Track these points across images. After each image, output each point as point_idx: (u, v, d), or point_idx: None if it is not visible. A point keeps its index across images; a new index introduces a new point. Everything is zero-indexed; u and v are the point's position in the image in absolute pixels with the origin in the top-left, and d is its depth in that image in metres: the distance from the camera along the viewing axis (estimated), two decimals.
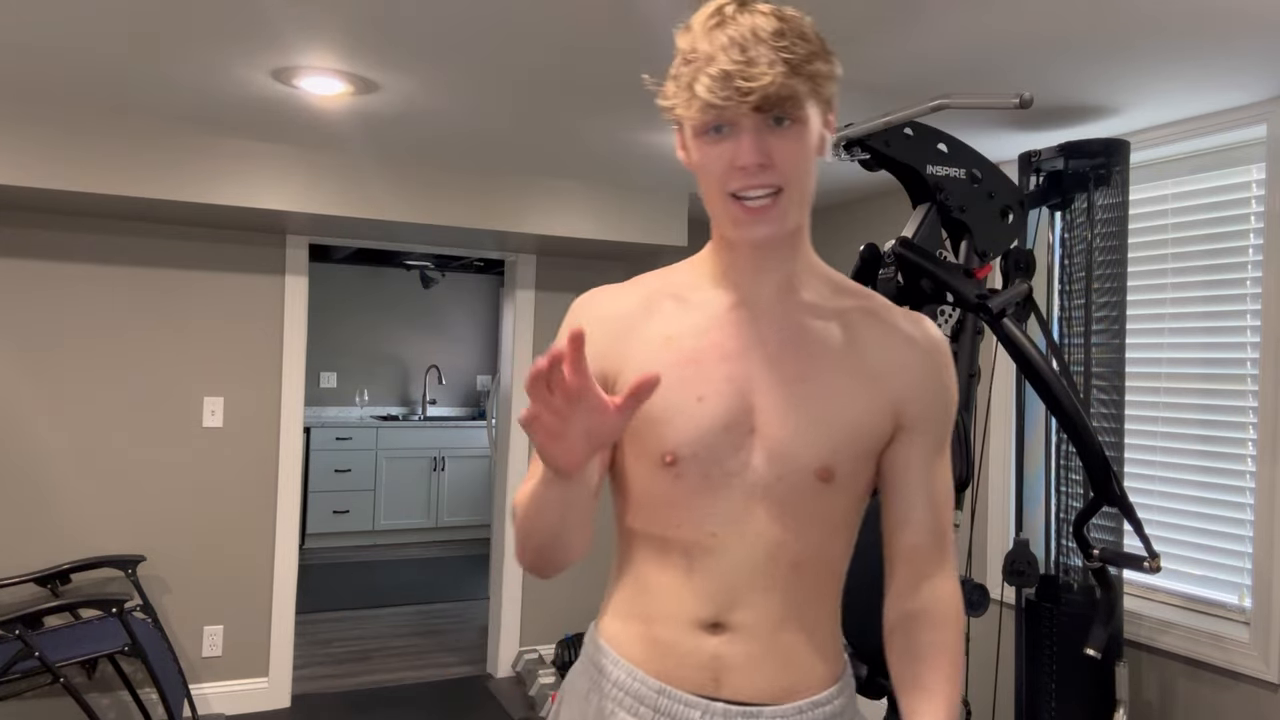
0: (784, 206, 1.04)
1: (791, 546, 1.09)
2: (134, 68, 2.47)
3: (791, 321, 1.11)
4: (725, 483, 1.08)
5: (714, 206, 1.07)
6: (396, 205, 3.49)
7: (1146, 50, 2.11)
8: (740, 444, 1.08)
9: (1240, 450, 2.58)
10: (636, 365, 1.11)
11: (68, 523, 3.52)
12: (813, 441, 1.08)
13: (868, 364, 1.11)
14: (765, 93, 0.98)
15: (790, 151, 1.02)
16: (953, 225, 2.30)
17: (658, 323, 1.13)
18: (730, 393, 1.09)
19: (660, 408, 1.08)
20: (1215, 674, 2.54)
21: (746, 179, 1.02)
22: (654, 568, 1.13)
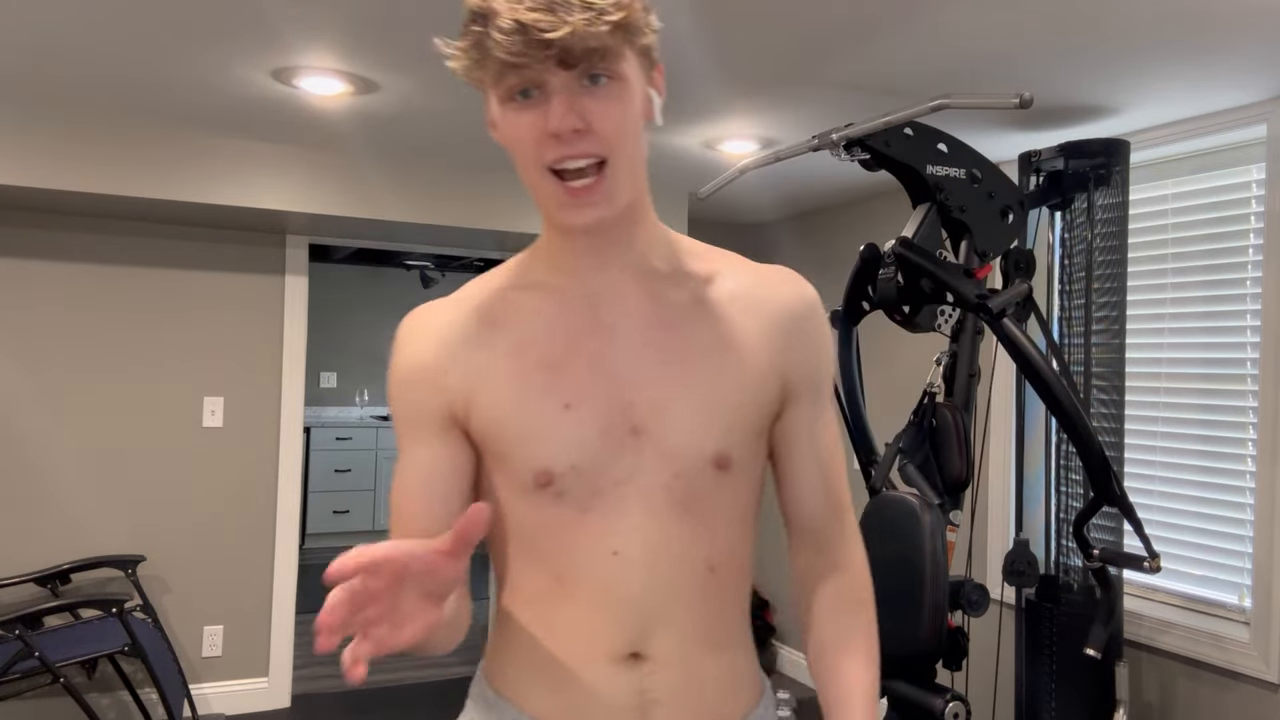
0: (611, 181, 0.90)
1: (703, 549, 0.98)
2: (134, 68, 2.47)
3: (652, 303, 0.99)
4: (616, 493, 0.96)
5: (534, 187, 0.92)
6: (396, 205, 3.49)
7: (1146, 50, 2.11)
8: (623, 447, 0.96)
9: (1240, 450, 2.58)
10: (487, 387, 0.97)
11: (68, 523, 3.52)
12: (703, 428, 0.97)
13: (743, 333, 1.00)
14: (568, 44, 0.84)
15: (610, 113, 0.89)
16: (953, 225, 2.30)
17: (502, 332, 0.99)
18: (601, 393, 0.96)
19: (523, 424, 0.96)
20: (1215, 674, 2.54)
21: (562, 148, 0.88)
22: (550, 603, 0.98)
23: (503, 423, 0.96)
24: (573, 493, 0.95)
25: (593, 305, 0.99)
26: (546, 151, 0.89)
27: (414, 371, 1.00)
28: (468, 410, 0.98)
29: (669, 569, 0.97)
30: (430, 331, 1.01)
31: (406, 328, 1.03)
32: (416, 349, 1.01)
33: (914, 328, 2.32)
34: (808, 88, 2.46)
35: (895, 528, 2.24)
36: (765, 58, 2.24)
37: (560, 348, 0.97)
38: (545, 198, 0.92)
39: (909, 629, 2.16)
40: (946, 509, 2.36)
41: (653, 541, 0.96)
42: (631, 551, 0.96)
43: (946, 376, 2.47)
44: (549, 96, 0.88)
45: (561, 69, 0.86)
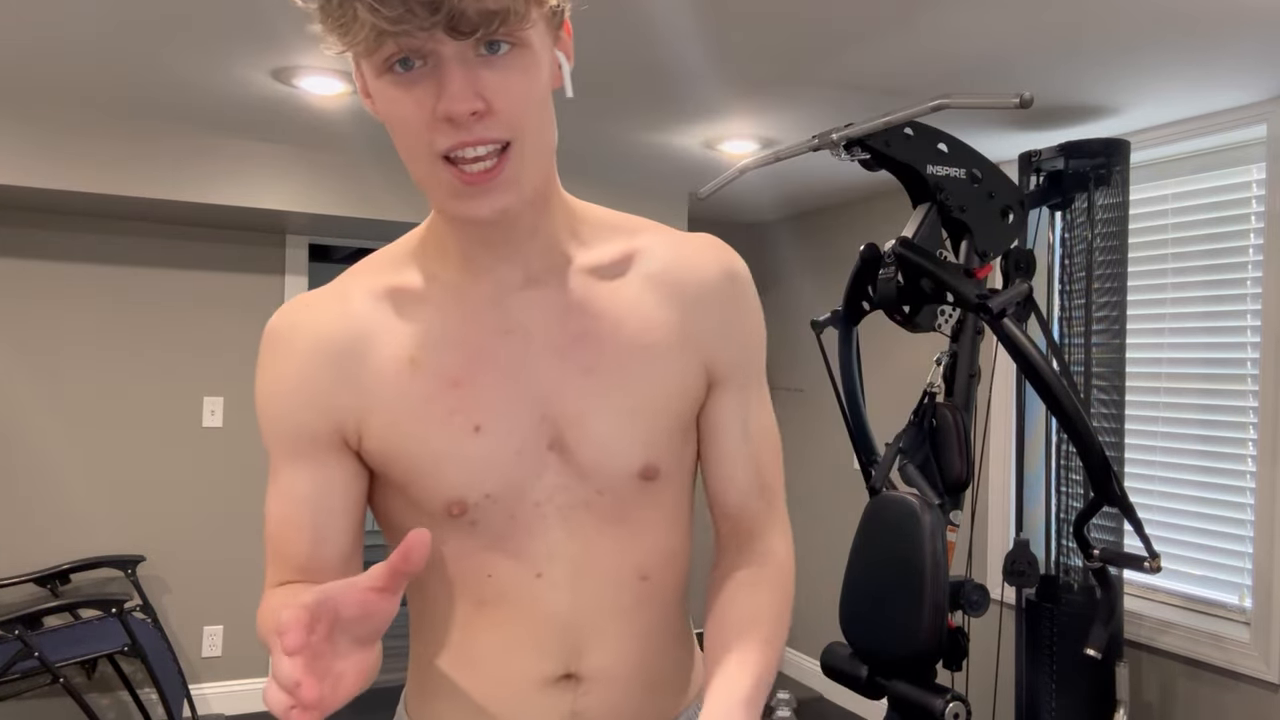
0: (516, 166, 0.76)
1: (633, 558, 0.90)
2: (134, 68, 2.47)
3: (565, 298, 0.87)
4: (536, 514, 0.86)
5: (420, 173, 0.77)
6: (396, 205, 3.49)
7: (1146, 50, 2.11)
8: (541, 466, 0.86)
9: (1240, 450, 2.58)
10: (383, 406, 0.84)
11: (68, 523, 3.52)
12: (627, 440, 0.87)
13: (664, 322, 0.89)
14: (460, 6, 0.68)
15: (514, 88, 0.74)
16: (953, 225, 2.30)
17: (393, 340, 0.85)
18: (513, 410, 0.85)
19: (429, 451, 0.84)
20: (1215, 674, 2.54)
21: (458, 134, 0.73)
22: (473, 629, 0.89)
23: (404, 450, 0.84)
24: (488, 520, 0.86)
25: (498, 305, 0.86)
26: (439, 138, 0.74)
27: (293, 388, 0.85)
28: (360, 432, 0.85)
29: (597, 585, 0.89)
30: (310, 337, 0.85)
31: (279, 332, 0.87)
32: (294, 360, 0.85)
33: (914, 328, 2.32)
34: (808, 88, 2.46)
35: (895, 528, 2.24)
36: (765, 58, 2.24)
37: (464, 358, 0.84)
38: (436, 187, 0.77)
39: (909, 629, 2.16)
40: (946, 509, 2.36)
41: (577, 559, 0.88)
42: (555, 573, 0.87)
43: (946, 376, 2.47)
44: (439, 68, 0.72)
45: (452, 37, 0.70)
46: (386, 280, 0.88)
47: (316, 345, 0.85)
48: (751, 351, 0.96)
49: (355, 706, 3.25)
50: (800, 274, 4.33)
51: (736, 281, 0.93)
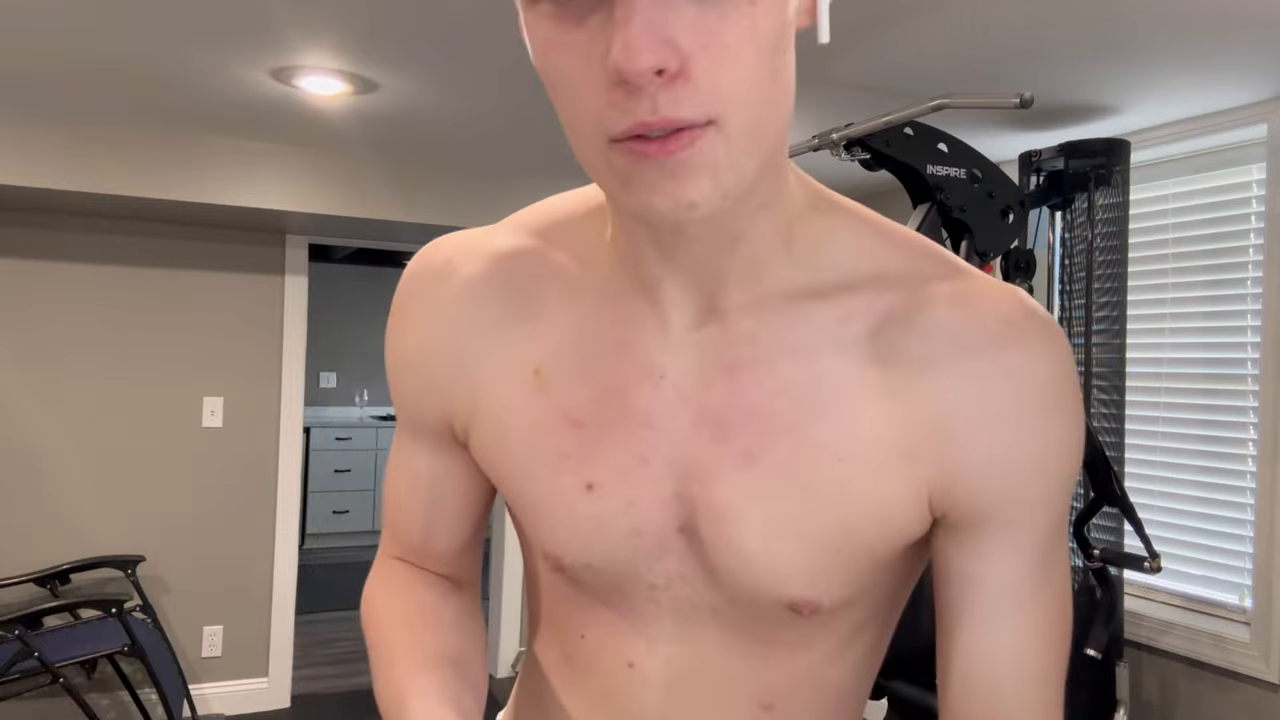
0: (717, 151, 0.51)
1: (756, 682, 0.68)
2: (134, 68, 2.47)
3: (748, 350, 0.62)
4: (650, 596, 0.67)
5: (585, 156, 0.54)
6: (396, 205, 3.49)
7: (1146, 50, 2.11)
8: (664, 550, 0.65)
9: (1241, 450, 2.57)
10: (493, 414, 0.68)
11: (67, 523, 3.52)
12: (783, 563, 0.62)
13: (891, 414, 0.60)
14: None
15: (728, 34, 0.49)
16: (953, 225, 2.30)
17: (525, 331, 0.67)
18: (641, 479, 0.64)
19: (530, 492, 0.67)
20: (1216, 674, 2.54)
21: (638, 108, 0.48)
22: (560, 683, 0.73)
23: (505, 474, 0.68)
24: (590, 584, 0.68)
25: (658, 336, 0.63)
26: (611, 115, 0.49)
27: (412, 360, 0.71)
28: (467, 430, 0.70)
29: (700, 700, 0.69)
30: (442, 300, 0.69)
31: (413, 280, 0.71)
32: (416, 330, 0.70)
33: None
34: (808, 88, 2.46)
35: None
36: None
37: (596, 392, 0.64)
38: (604, 171, 0.53)
39: (909, 628, 2.16)
40: None
41: (683, 664, 0.68)
42: (651, 668, 0.68)
43: None
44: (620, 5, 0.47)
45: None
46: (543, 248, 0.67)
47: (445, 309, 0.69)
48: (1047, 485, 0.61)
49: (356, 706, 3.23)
50: None
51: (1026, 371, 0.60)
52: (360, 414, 7.36)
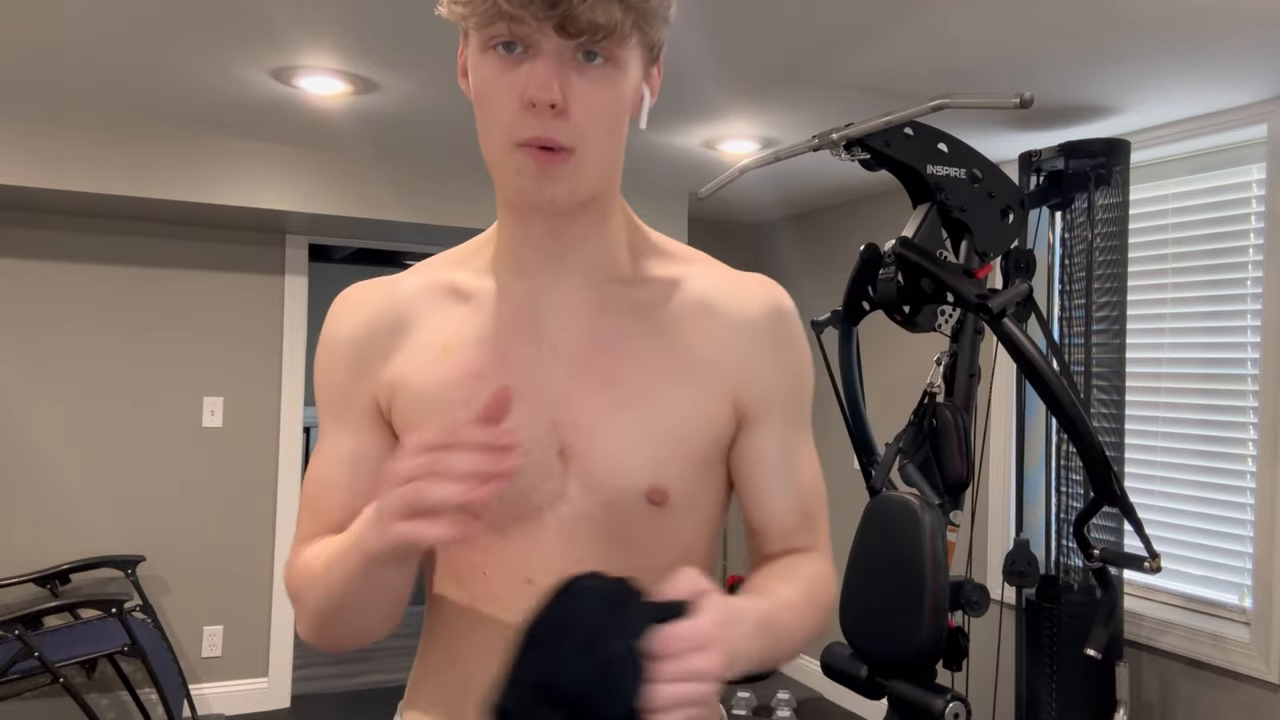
0: (576, 167, 0.82)
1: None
2: (134, 68, 2.47)
3: (599, 313, 0.90)
4: (536, 518, 0.87)
5: (494, 153, 0.84)
6: (396, 205, 3.49)
7: (1146, 50, 2.11)
8: (547, 470, 0.87)
9: (1240, 450, 2.58)
10: (410, 383, 0.90)
11: (68, 523, 3.52)
12: (636, 457, 0.87)
13: (696, 354, 0.90)
14: (575, 10, 0.75)
15: (595, 100, 0.80)
16: (953, 225, 2.30)
17: (434, 326, 0.92)
18: (527, 410, 0.86)
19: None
20: (1216, 674, 2.54)
21: (534, 128, 0.79)
22: (464, 635, 0.91)
23: (420, 424, 0.88)
24: (489, 514, 0.86)
25: (534, 310, 0.90)
26: (518, 126, 0.80)
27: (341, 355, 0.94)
28: (389, 405, 0.91)
29: None
30: (363, 313, 0.94)
31: (343, 303, 0.96)
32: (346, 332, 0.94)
33: (914, 328, 2.32)
34: (808, 88, 2.46)
35: (895, 528, 2.24)
36: (765, 58, 2.24)
37: (492, 354, 0.89)
38: (503, 168, 0.84)
39: (909, 629, 2.16)
40: (946, 509, 2.36)
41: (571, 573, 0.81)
42: (547, 582, 0.79)
43: (946, 376, 2.47)
44: (536, 59, 0.78)
45: (558, 34, 0.77)
46: (441, 276, 0.95)
47: (366, 321, 0.94)
48: (794, 391, 0.95)
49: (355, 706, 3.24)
50: (800, 274, 4.33)
51: (783, 319, 0.94)
52: None
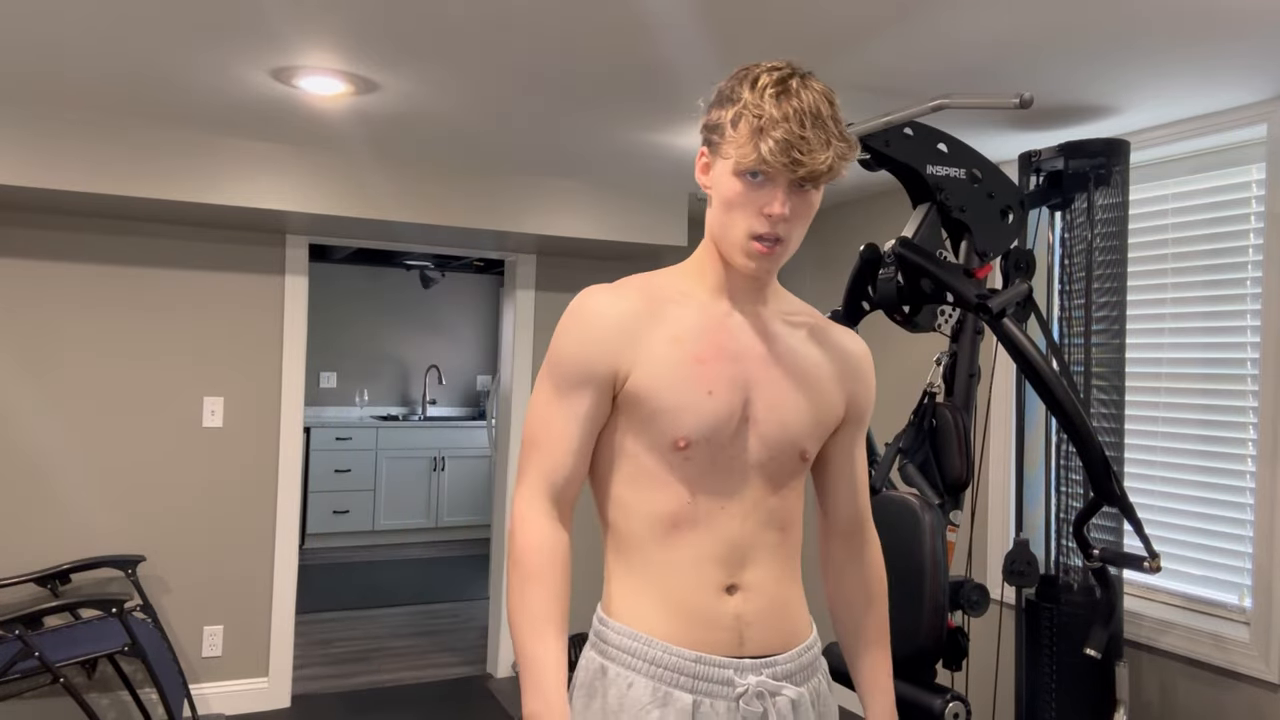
0: (783, 252, 1.25)
1: (780, 512, 1.32)
2: (134, 68, 2.47)
3: (772, 330, 1.33)
4: (728, 464, 1.27)
5: (733, 238, 1.24)
6: (396, 205, 3.49)
7: (1146, 50, 2.11)
8: (739, 430, 1.28)
9: (1240, 450, 2.58)
10: (650, 363, 1.25)
11: (68, 523, 3.52)
12: (794, 429, 1.30)
13: (828, 367, 1.35)
14: (814, 170, 1.17)
15: (801, 215, 1.23)
16: (953, 225, 2.30)
17: (663, 325, 1.27)
18: (732, 389, 1.27)
19: (675, 399, 1.24)
20: (1215, 674, 2.54)
21: (771, 226, 1.21)
22: (670, 547, 1.27)
23: (657, 393, 1.24)
24: (699, 458, 1.26)
25: (735, 322, 1.31)
26: (757, 224, 1.22)
27: (595, 339, 1.26)
28: (628, 377, 1.26)
29: (757, 524, 1.29)
30: (612, 310, 1.27)
31: (592, 299, 1.28)
32: (600, 323, 1.26)
33: (914, 328, 2.32)
34: None
35: (895, 528, 2.24)
36: (766, 57, 2.24)
37: (708, 347, 1.27)
38: (737, 249, 1.24)
39: (909, 629, 2.16)
40: (946, 509, 2.36)
41: (749, 502, 1.29)
42: (733, 506, 1.28)
43: (946, 376, 2.47)
44: (776, 188, 1.20)
45: (795, 182, 1.20)
46: (660, 287, 1.31)
47: (606, 314, 1.27)
48: (866, 410, 1.42)
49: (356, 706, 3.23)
50: (800, 274, 4.33)
51: (867, 359, 1.43)
52: (360, 414, 7.36)
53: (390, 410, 7.53)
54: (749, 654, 1.28)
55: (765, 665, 1.28)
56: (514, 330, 4.35)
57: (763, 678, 1.27)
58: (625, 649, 1.27)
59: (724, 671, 1.25)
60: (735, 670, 1.26)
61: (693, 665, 1.24)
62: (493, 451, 7.11)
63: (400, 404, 7.59)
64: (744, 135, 1.18)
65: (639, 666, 1.25)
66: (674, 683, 1.24)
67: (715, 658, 1.25)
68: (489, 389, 7.76)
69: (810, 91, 1.19)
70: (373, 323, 7.47)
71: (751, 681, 1.26)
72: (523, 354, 4.34)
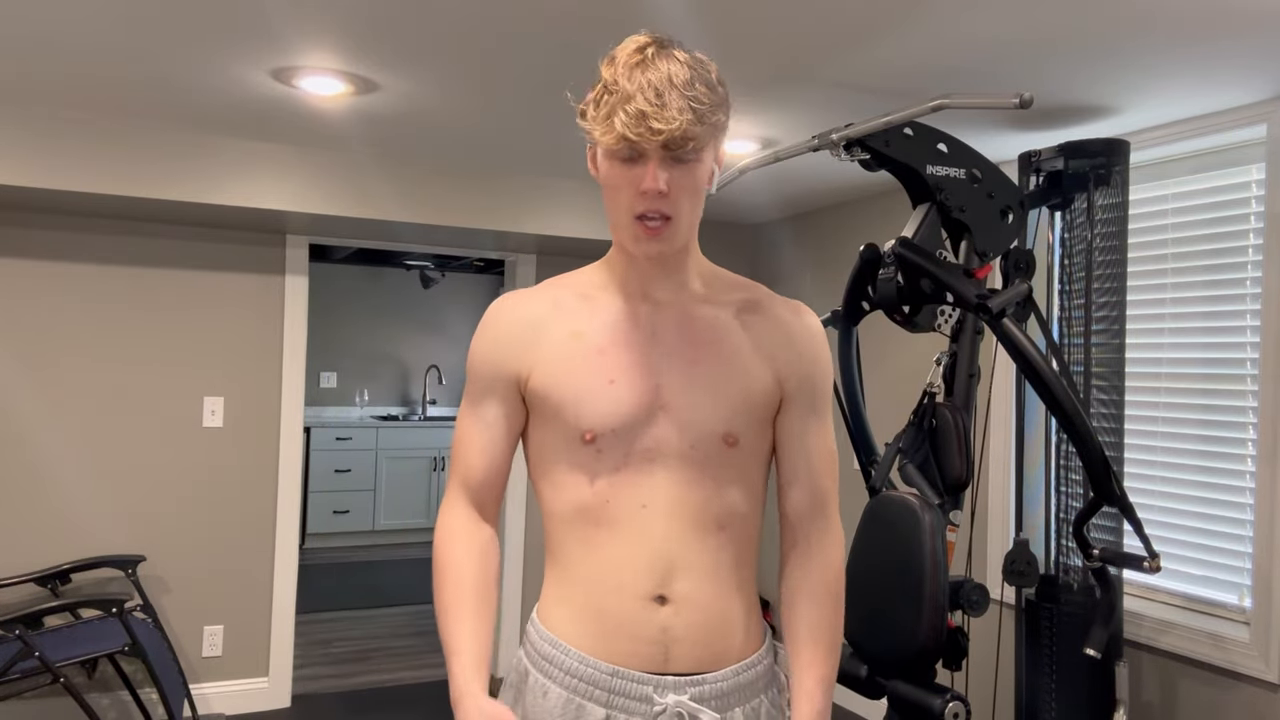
0: (673, 229, 1.20)
1: (713, 508, 1.23)
2: (134, 68, 2.47)
3: (686, 314, 1.27)
4: (646, 456, 1.21)
5: (619, 222, 1.21)
6: (396, 205, 3.49)
7: (1146, 50, 2.11)
8: (652, 419, 1.22)
9: (1240, 450, 2.58)
10: (549, 359, 1.24)
11: (68, 523, 3.52)
12: (713, 411, 1.22)
13: (753, 344, 1.27)
14: (671, 135, 1.12)
15: (684, 184, 1.18)
16: (953, 225, 2.30)
17: (566, 321, 1.26)
18: (638, 376, 1.22)
19: (575, 391, 1.22)
20: (1215, 674, 2.54)
21: (649, 203, 1.17)
22: (591, 549, 1.22)
23: (560, 387, 1.22)
24: (611, 452, 1.21)
25: (642, 310, 1.27)
26: (636, 204, 1.17)
27: (496, 344, 1.27)
28: (530, 375, 1.24)
29: (686, 522, 1.21)
30: (512, 314, 1.28)
31: (496, 308, 1.31)
32: (501, 328, 1.28)
33: (914, 328, 2.32)
34: (808, 88, 2.46)
35: (895, 528, 2.24)
36: (765, 58, 2.24)
37: (610, 338, 1.24)
38: (626, 233, 1.21)
39: (909, 629, 2.16)
40: (946, 509, 2.36)
41: (673, 500, 1.21)
42: (656, 506, 1.21)
43: (946, 376, 2.47)
44: (646, 163, 1.15)
45: (661, 148, 1.14)
46: (570, 285, 1.31)
47: (516, 320, 1.27)
48: (813, 384, 1.31)
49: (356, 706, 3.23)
50: (800, 274, 4.33)
51: (813, 332, 1.33)
52: (360, 414, 7.36)
53: (390, 410, 7.53)
54: (674, 670, 1.20)
55: (691, 684, 1.20)
56: None
57: (683, 698, 1.19)
58: (545, 655, 1.24)
59: (642, 688, 1.19)
60: (654, 687, 1.19)
61: (608, 679, 1.19)
62: None
63: (400, 404, 7.59)
64: (604, 114, 1.15)
65: (555, 675, 1.22)
66: (588, 695, 1.19)
67: (634, 672, 1.19)
68: None
69: (668, 60, 1.14)
70: (373, 323, 7.47)
71: (670, 701, 1.18)
72: None
